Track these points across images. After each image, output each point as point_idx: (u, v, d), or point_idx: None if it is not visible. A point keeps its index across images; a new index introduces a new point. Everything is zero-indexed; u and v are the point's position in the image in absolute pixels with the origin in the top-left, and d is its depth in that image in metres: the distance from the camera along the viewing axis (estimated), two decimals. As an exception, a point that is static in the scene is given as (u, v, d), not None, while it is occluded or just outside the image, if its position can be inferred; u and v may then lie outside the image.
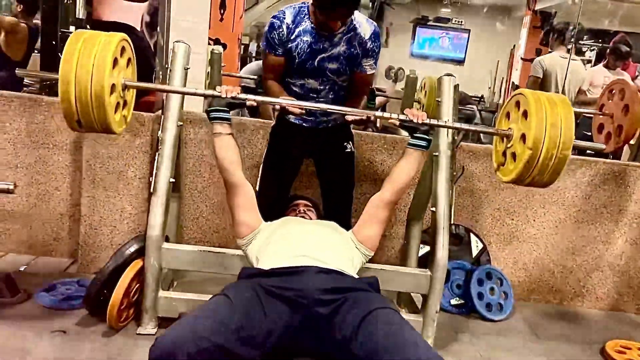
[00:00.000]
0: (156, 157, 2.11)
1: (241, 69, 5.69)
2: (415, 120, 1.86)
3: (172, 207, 2.39)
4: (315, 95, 2.21)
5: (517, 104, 1.83)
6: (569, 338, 2.58)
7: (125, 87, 1.77)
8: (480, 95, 7.94)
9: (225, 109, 1.84)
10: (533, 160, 1.70)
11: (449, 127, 2.15)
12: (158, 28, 2.50)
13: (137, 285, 2.15)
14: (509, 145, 1.83)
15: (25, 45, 3.60)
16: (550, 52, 4.53)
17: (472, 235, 2.84)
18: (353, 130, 2.43)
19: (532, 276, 2.92)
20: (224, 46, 4.98)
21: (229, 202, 1.85)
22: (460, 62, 9.63)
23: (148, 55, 2.49)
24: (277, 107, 1.97)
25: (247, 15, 6.88)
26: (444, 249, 2.16)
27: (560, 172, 1.72)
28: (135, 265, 2.12)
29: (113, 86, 1.67)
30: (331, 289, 1.48)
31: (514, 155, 1.80)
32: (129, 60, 1.82)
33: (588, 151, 3.19)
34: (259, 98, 1.91)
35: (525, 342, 2.49)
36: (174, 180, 2.14)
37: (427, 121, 1.88)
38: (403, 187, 1.88)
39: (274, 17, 2.11)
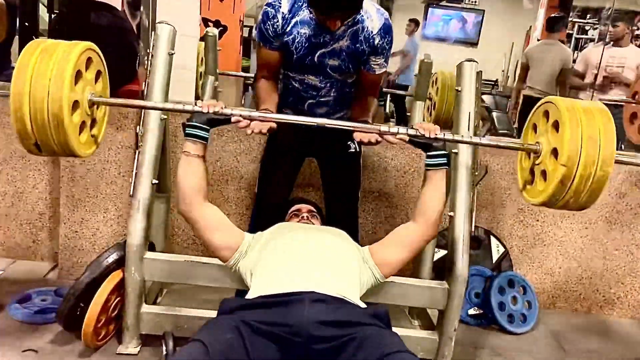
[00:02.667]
0: (136, 156, 1.86)
1: (244, 53, 5.41)
2: (427, 135, 1.59)
3: (159, 210, 2.15)
4: (315, 93, 1.92)
5: (546, 114, 1.56)
6: (601, 354, 2.32)
7: (93, 104, 1.52)
8: (494, 80, 7.61)
9: (205, 127, 1.57)
10: (567, 179, 1.42)
11: (466, 143, 1.87)
12: (142, 7, 2.21)
13: (118, 298, 1.92)
14: (537, 162, 1.57)
15: (5, 22, 3.32)
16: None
17: (492, 238, 2.57)
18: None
19: (558, 283, 2.65)
20: (225, 28, 4.70)
21: (198, 235, 1.62)
22: (473, 44, 9.25)
23: (131, 38, 2.22)
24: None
25: (250, -4, 6.59)
26: (464, 260, 1.90)
27: (599, 194, 1.44)
28: (115, 276, 1.88)
29: (76, 103, 1.43)
30: (332, 322, 1.22)
31: (544, 174, 1.54)
32: (99, 73, 1.57)
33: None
34: (245, 112, 1.62)
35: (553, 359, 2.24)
36: (157, 181, 1.89)
37: (441, 135, 1.61)
38: (438, 216, 1.63)
39: (267, 4, 1.77)
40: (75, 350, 1.89)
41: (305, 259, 1.46)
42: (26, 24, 2.52)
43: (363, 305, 1.39)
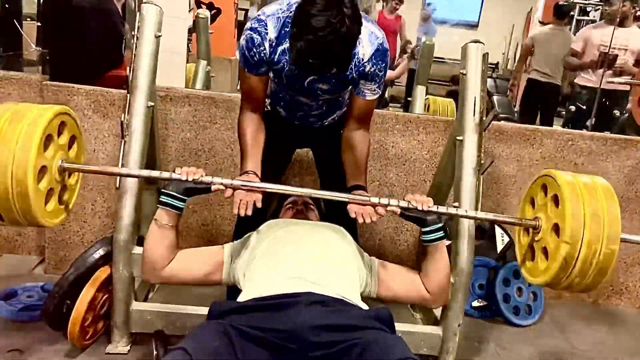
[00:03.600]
0: (121, 146, 1.75)
1: (238, 37, 5.26)
2: (419, 208, 1.48)
3: (149, 202, 2.05)
4: (307, 109, 1.78)
5: (544, 187, 1.47)
6: (609, 346, 2.25)
7: (64, 170, 1.43)
8: (495, 63, 7.49)
9: (182, 197, 1.47)
10: (572, 257, 1.32)
11: (461, 217, 1.77)
12: (127, -13, 2.10)
13: (106, 296, 1.83)
14: (536, 239, 1.47)
15: None
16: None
17: (496, 227, 2.47)
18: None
19: (564, 272, 2.57)
20: (218, 11, 4.56)
21: (177, 284, 1.58)
22: (473, 26, 9.09)
23: (116, 20, 2.10)
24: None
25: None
26: (469, 253, 1.81)
27: (606, 273, 1.34)
28: (102, 273, 1.79)
29: (44, 169, 1.34)
30: (331, 327, 1.13)
31: (545, 251, 1.43)
32: (73, 137, 1.48)
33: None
34: (226, 181, 1.48)
35: (559, 353, 2.16)
36: (145, 172, 1.79)
37: (435, 208, 1.50)
38: (446, 287, 1.60)
39: (251, 29, 1.55)
40: (62, 350, 1.81)
41: (300, 257, 1.37)
42: (6, 5, 2.39)
43: (365, 307, 1.30)
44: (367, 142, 1.76)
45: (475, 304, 2.36)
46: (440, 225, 1.53)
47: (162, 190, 1.49)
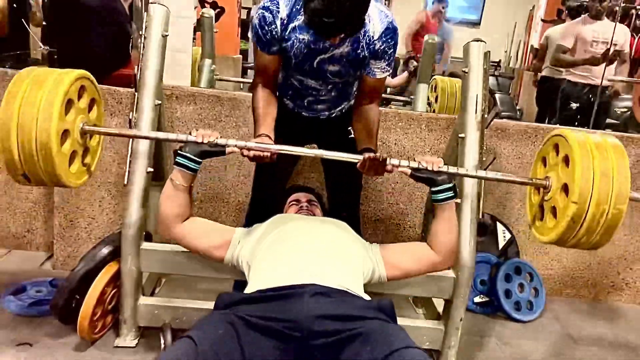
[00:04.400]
0: (130, 143, 1.78)
1: (242, 36, 5.29)
2: (430, 168, 1.51)
3: (155, 199, 2.06)
4: (315, 93, 1.82)
5: (556, 147, 1.49)
6: (609, 341, 2.28)
7: (85, 133, 1.47)
8: (497, 61, 7.49)
9: (197, 159, 1.50)
10: (579, 217, 1.35)
11: (470, 177, 1.80)
12: (134, -13, 2.13)
13: (114, 290, 1.86)
14: (546, 198, 1.50)
15: (6, 17, 3.22)
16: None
17: (498, 224, 2.50)
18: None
19: (566, 269, 2.60)
20: (222, 10, 4.59)
21: (185, 247, 1.61)
22: (476, 24, 9.09)
23: (123, 20, 2.13)
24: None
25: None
26: (471, 249, 1.84)
27: (613, 232, 1.37)
28: (110, 268, 1.83)
29: (66, 132, 1.39)
30: (334, 316, 1.16)
31: (554, 210, 1.47)
32: (93, 101, 1.52)
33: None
34: (240, 143, 1.53)
35: (560, 348, 2.19)
36: (152, 169, 1.82)
37: (445, 168, 1.53)
38: (453, 248, 1.61)
39: (264, 7, 1.61)
40: (71, 344, 1.84)
41: (305, 251, 1.40)
42: (14, 5, 2.43)
43: (367, 298, 1.33)
44: (378, 113, 1.81)
45: (477, 299, 2.38)
46: (450, 185, 1.54)
47: (178, 151, 1.52)
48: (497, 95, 5.62)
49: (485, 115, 1.93)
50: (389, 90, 4.26)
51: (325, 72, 1.72)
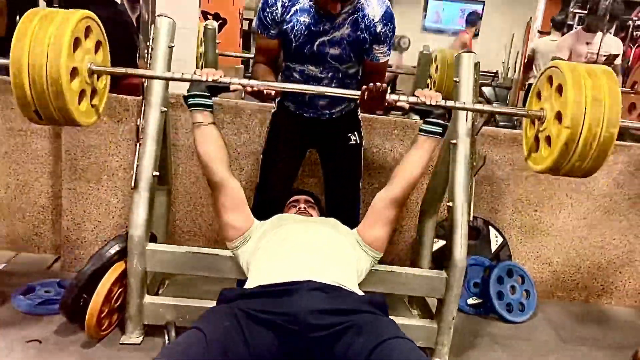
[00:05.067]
0: (137, 147, 1.87)
1: (244, 46, 5.40)
2: (428, 102, 1.59)
3: (160, 202, 2.17)
4: (316, 84, 1.92)
5: (550, 79, 1.54)
6: (598, 342, 2.34)
7: (93, 73, 1.53)
8: (494, 71, 7.59)
9: (206, 94, 1.58)
10: (572, 142, 1.40)
11: (468, 110, 1.89)
12: (141, 1, 2.22)
13: (120, 289, 1.94)
14: (541, 129, 1.55)
15: (4, 17, 3.30)
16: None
17: (491, 228, 2.59)
18: (361, 117, 2.15)
19: (557, 272, 2.67)
20: (224, 21, 4.71)
21: (214, 202, 1.63)
22: (474, 35, 9.22)
23: (130, 32, 2.24)
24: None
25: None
26: (462, 249, 1.92)
27: (606, 156, 1.41)
28: (118, 268, 1.90)
29: (75, 70, 1.43)
30: (329, 310, 1.24)
31: (548, 139, 1.52)
32: (99, 43, 1.57)
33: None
34: (244, 81, 1.63)
35: (551, 347, 2.26)
36: (157, 173, 1.91)
37: (443, 103, 1.61)
38: (413, 182, 1.65)
39: None
40: (78, 341, 1.91)
41: (302, 250, 1.48)
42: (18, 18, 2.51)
43: (360, 293, 1.41)
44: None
45: (470, 301, 2.46)
46: (442, 122, 1.62)
47: (185, 95, 1.60)
48: (494, 105, 5.72)
49: (476, 123, 2.02)
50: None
51: (326, 55, 1.84)
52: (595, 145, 1.39)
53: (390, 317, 1.40)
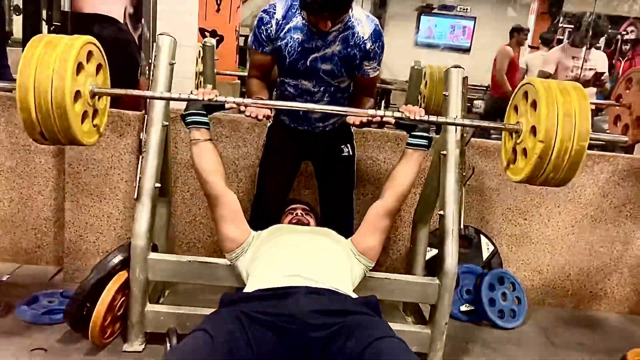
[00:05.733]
0: (139, 161, 1.95)
1: (240, 61, 5.50)
2: (412, 117, 1.68)
3: (161, 214, 2.23)
4: (309, 98, 2.02)
5: (525, 94, 1.65)
6: (587, 346, 2.41)
7: (94, 95, 1.61)
8: (487, 85, 7.72)
9: (202, 112, 1.67)
10: (546, 155, 1.50)
11: (449, 124, 1.98)
12: (143, 20, 2.31)
13: (123, 298, 2.00)
14: (518, 141, 1.65)
15: None
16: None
17: (482, 237, 2.66)
18: (353, 130, 2.24)
19: (547, 279, 2.75)
20: (221, 38, 4.81)
21: (212, 215, 1.70)
22: (466, 50, 9.40)
23: (133, 50, 2.32)
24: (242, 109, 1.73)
25: (246, 6, 6.70)
26: (454, 256, 1.99)
27: (577, 168, 1.52)
28: (120, 277, 1.96)
29: (78, 93, 1.52)
30: (325, 311, 1.31)
31: (524, 152, 1.62)
32: (99, 66, 1.66)
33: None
34: (238, 100, 1.72)
35: (542, 352, 2.32)
36: (159, 185, 1.98)
37: (426, 117, 1.70)
38: (405, 192, 1.72)
39: (263, 11, 1.90)
40: (82, 349, 1.97)
41: (299, 257, 1.55)
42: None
43: (354, 296, 1.48)
44: (370, 101, 2.08)
45: (463, 308, 2.53)
46: (427, 134, 1.71)
47: (182, 114, 1.69)
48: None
49: (465, 135, 2.11)
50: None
51: (318, 70, 1.94)
52: (567, 158, 1.50)
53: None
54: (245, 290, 1.50)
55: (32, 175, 2.50)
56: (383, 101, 5.70)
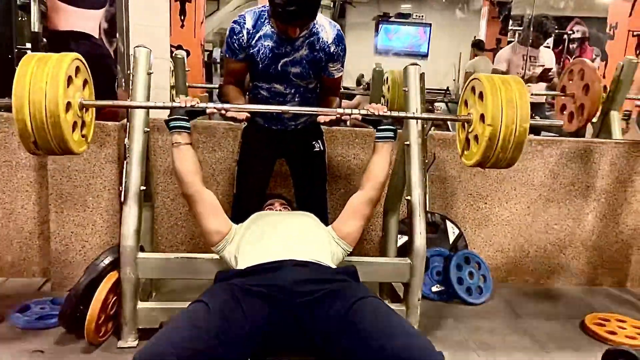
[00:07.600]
0: (124, 165, 2.07)
1: (206, 76, 5.65)
2: (377, 113, 1.86)
3: (146, 217, 2.34)
4: (282, 99, 2.20)
5: (473, 89, 1.86)
6: (549, 315, 2.63)
7: (83, 107, 1.73)
8: (446, 88, 8.06)
9: (185, 117, 1.81)
10: (494, 137, 1.70)
11: (409, 118, 2.18)
12: (117, 34, 2.44)
13: (114, 298, 2.10)
14: (470, 130, 1.85)
15: None
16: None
17: (447, 222, 2.87)
18: (323, 128, 2.42)
19: (509, 257, 2.97)
20: (187, 53, 4.92)
21: (193, 213, 1.83)
22: (424, 56, 9.76)
23: (109, 63, 2.43)
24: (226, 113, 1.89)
25: (209, 22, 6.85)
26: (422, 236, 2.16)
27: (522, 148, 1.72)
28: (111, 277, 2.06)
29: (69, 104, 1.63)
30: (310, 280, 1.47)
31: (476, 138, 1.82)
32: (85, 81, 1.79)
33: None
34: (218, 105, 1.87)
35: (507, 323, 2.52)
36: (144, 188, 2.10)
37: (388, 113, 1.89)
38: (382, 181, 1.88)
39: (234, 22, 2.08)
40: (78, 349, 2.05)
41: (282, 235, 1.71)
42: (9, 56, 2.69)
43: (334, 266, 1.65)
44: (336, 100, 2.33)
45: (434, 288, 2.71)
46: (392, 127, 1.88)
47: (166, 119, 1.82)
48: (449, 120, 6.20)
49: (425, 126, 2.31)
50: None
51: (289, 74, 2.12)
52: (512, 139, 1.70)
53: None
54: (237, 267, 1.64)
55: (15, 190, 2.57)
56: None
